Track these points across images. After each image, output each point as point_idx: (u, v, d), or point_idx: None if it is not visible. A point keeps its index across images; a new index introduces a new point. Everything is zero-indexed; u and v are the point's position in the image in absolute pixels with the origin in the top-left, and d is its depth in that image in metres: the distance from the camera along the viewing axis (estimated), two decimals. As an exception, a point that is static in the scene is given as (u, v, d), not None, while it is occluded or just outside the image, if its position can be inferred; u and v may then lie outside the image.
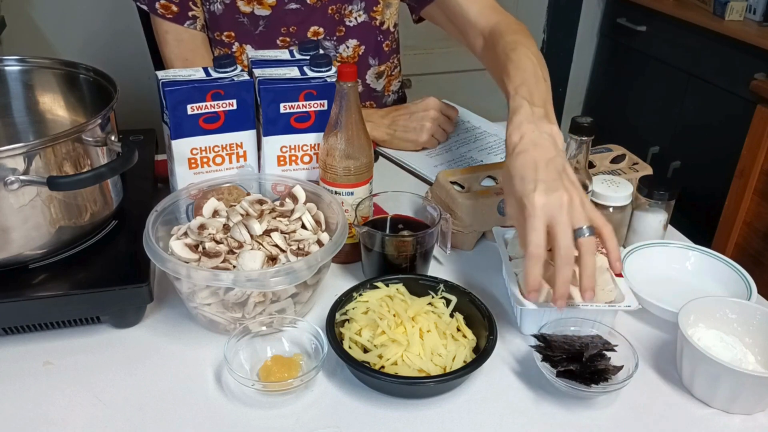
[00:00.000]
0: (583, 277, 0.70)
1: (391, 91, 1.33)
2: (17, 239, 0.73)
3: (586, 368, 0.68)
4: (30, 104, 0.93)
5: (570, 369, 0.68)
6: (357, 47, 1.21)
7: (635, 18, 2.52)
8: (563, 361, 0.69)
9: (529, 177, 0.71)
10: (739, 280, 0.83)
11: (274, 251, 0.76)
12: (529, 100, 0.79)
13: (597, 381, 0.67)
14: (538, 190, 0.70)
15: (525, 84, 0.82)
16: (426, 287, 0.78)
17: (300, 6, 1.13)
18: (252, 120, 0.88)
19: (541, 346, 0.71)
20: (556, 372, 0.68)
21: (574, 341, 0.71)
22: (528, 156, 0.73)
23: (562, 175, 0.72)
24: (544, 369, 0.70)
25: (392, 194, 0.90)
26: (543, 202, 0.69)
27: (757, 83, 1.86)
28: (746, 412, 0.69)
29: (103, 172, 0.74)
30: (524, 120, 0.77)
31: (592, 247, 0.70)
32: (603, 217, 0.73)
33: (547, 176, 0.71)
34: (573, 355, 0.69)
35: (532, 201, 0.69)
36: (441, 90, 1.41)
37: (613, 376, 0.69)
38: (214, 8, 1.12)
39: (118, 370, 0.72)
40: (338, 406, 0.68)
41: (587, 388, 0.67)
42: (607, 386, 0.68)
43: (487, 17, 1.05)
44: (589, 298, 0.70)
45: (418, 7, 1.20)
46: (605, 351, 0.70)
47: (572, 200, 0.70)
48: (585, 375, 0.68)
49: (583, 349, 0.69)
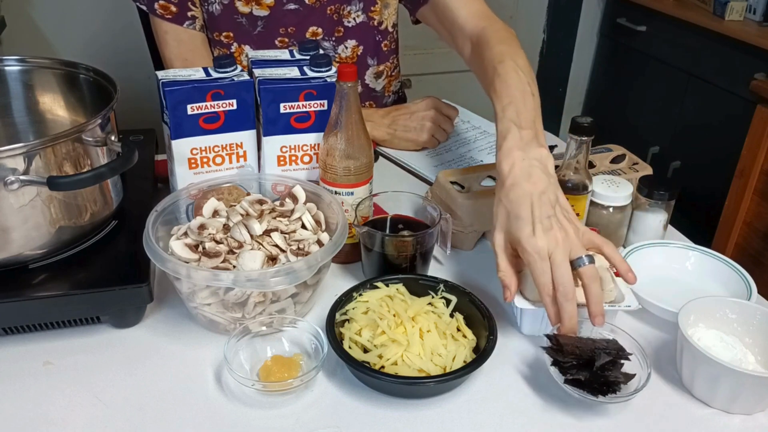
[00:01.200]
0: (590, 305, 0.71)
1: (391, 92, 1.33)
2: (17, 239, 0.73)
3: (596, 378, 0.67)
4: (30, 104, 0.93)
5: (579, 378, 0.67)
6: (355, 47, 1.21)
7: (635, 18, 2.52)
8: (573, 368, 0.68)
9: (526, 217, 0.72)
10: (739, 280, 0.83)
11: (274, 251, 0.76)
12: (517, 123, 0.79)
13: (605, 393, 0.66)
14: (537, 233, 0.71)
15: (512, 103, 0.82)
16: (426, 287, 0.78)
17: (298, 6, 1.13)
18: (252, 120, 0.88)
19: (553, 348, 0.70)
20: (565, 379, 0.67)
21: (587, 345, 0.69)
22: (521, 190, 0.74)
23: (555, 208, 0.73)
24: (553, 374, 0.69)
25: (392, 194, 0.90)
26: (543, 245, 0.70)
27: (757, 83, 1.86)
28: (746, 412, 0.69)
29: (103, 172, 0.74)
30: (513, 146, 0.77)
31: (593, 273, 0.71)
32: (600, 237, 0.75)
33: (541, 213, 0.72)
34: (584, 362, 0.68)
35: (534, 246, 0.71)
36: (441, 90, 1.41)
37: (623, 385, 0.67)
38: (212, 9, 1.12)
39: (118, 370, 0.72)
40: (338, 406, 0.68)
41: (594, 398, 0.66)
42: (614, 398, 0.66)
43: (476, 22, 1.03)
44: (599, 323, 0.70)
45: (413, 9, 1.20)
46: (618, 359, 0.68)
47: (567, 235, 0.72)
48: (594, 385, 0.66)
49: (594, 356, 0.68)
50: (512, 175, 0.75)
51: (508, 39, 0.97)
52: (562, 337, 0.70)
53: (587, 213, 0.90)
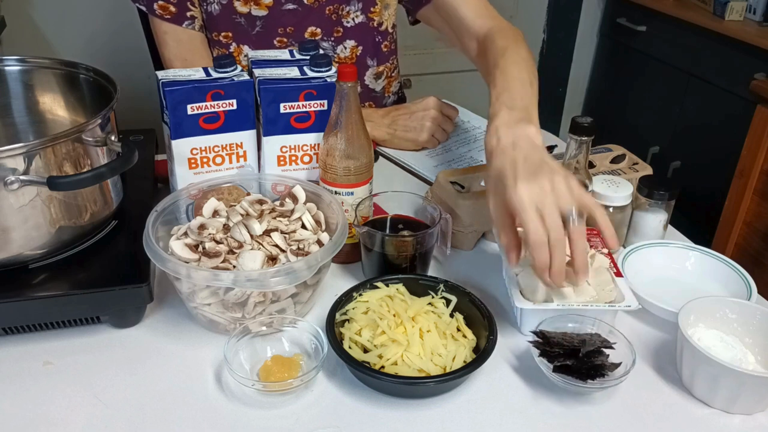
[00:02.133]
0: (575, 257, 0.70)
1: (391, 92, 1.33)
2: (17, 239, 0.73)
3: (583, 364, 0.68)
4: (30, 104, 0.93)
5: (566, 364, 0.68)
6: (354, 48, 1.21)
7: (635, 18, 2.52)
8: (560, 357, 0.69)
9: (509, 174, 0.71)
10: (739, 280, 0.83)
11: (274, 251, 0.76)
12: (509, 105, 0.79)
13: (593, 377, 0.67)
14: (519, 182, 0.70)
15: (507, 90, 0.82)
16: (426, 287, 0.78)
17: (297, 6, 1.13)
18: (252, 120, 0.88)
19: (539, 341, 0.71)
20: (553, 367, 0.68)
21: (572, 338, 0.71)
22: (506, 156, 0.73)
23: (542, 166, 0.71)
24: (541, 364, 0.70)
25: (392, 194, 0.90)
26: (527, 192, 0.69)
27: (757, 83, 1.86)
28: (746, 412, 0.69)
29: (103, 172, 0.74)
30: (501, 124, 0.77)
31: (582, 230, 0.70)
32: (592, 198, 0.73)
33: (525, 170, 0.71)
34: (570, 351, 0.69)
35: (518, 194, 0.69)
36: (441, 90, 1.41)
37: (610, 373, 0.69)
38: (211, 9, 1.12)
39: (118, 370, 0.72)
40: (338, 406, 0.68)
41: (583, 384, 0.67)
42: (603, 382, 0.68)
43: (482, 22, 1.05)
44: (583, 278, 0.70)
45: (413, 9, 1.20)
46: (603, 348, 0.70)
47: (555, 185, 0.70)
48: (581, 370, 0.68)
49: (580, 346, 0.69)
50: (498, 146, 0.75)
51: (512, 36, 0.98)
52: (548, 332, 0.71)
53: (587, 213, 0.90)
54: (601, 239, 0.86)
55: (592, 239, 0.85)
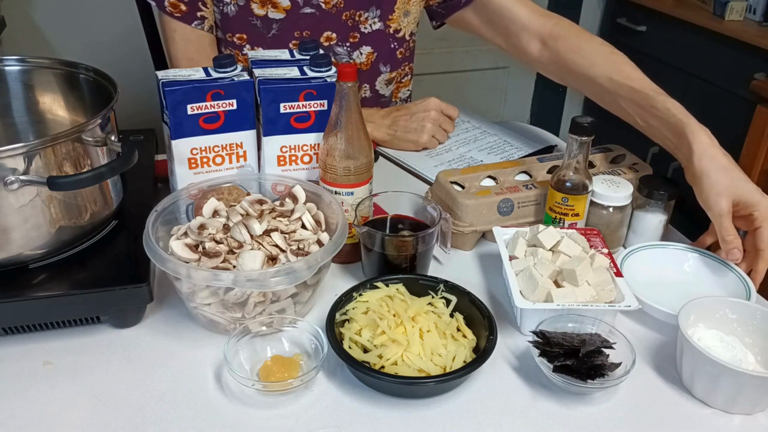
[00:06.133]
0: None
1: (398, 98, 1.32)
2: (17, 239, 0.73)
3: (583, 363, 0.68)
4: (30, 104, 0.93)
5: (566, 364, 0.68)
6: (370, 54, 1.21)
7: (635, 18, 2.52)
8: (560, 357, 0.69)
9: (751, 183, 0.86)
10: (738, 280, 0.83)
11: (274, 251, 0.76)
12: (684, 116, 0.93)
13: (593, 377, 0.67)
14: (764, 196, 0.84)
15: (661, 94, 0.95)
16: (426, 287, 0.78)
17: (315, 11, 1.13)
18: (252, 120, 0.88)
19: (539, 341, 0.71)
20: (553, 367, 0.69)
21: (572, 338, 0.71)
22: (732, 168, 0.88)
23: None
24: (541, 364, 0.70)
25: (392, 194, 0.90)
26: None
27: (757, 83, 1.86)
28: (746, 412, 0.69)
29: (103, 172, 0.73)
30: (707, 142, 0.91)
31: None
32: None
33: None
34: (570, 351, 0.69)
35: None
36: (441, 90, 1.41)
37: (610, 373, 0.69)
38: (227, 9, 1.11)
39: (118, 370, 0.72)
40: (338, 406, 0.68)
41: (583, 384, 0.67)
42: (603, 382, 0.68)
43: (540, 19, 1.08)
44: None
45: (446, 13, 1.19)
46: (603, 348, 0.70)
47: None
48: (581, 370, 0.68)
49: (580, 346, 0.69)
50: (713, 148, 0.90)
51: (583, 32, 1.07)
52: (548, 332, 0.72)
53: (587, 213, 0.90)
54: (601, 239, 0.86)
55: (592, 239, 0.85)
